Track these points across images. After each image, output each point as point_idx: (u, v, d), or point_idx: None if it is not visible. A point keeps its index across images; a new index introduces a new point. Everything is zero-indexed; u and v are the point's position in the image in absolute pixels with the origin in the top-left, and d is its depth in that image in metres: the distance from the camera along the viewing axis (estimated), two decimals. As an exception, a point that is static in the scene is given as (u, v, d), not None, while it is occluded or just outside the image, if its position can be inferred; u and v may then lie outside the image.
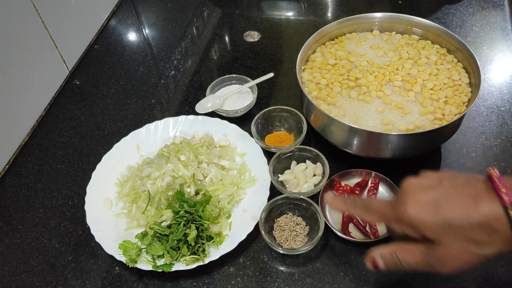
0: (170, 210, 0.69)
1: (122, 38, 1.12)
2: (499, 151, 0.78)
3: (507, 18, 1.05)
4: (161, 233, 0.68)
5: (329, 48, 0.85)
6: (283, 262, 0.68)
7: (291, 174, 0.76)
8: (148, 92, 0.97)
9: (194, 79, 0.99)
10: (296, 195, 0.71)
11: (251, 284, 0.66)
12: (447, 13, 1.07)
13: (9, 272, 0.70)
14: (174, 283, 0.67)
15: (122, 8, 1.20)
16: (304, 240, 0.68)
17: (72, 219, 0.76)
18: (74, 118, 0.93)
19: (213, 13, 1.16)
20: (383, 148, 0.70)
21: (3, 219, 0.77)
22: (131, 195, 0.74)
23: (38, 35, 0.92)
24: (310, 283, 0.65)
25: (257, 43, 1.06)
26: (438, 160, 0.78)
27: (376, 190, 0.72)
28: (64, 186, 0.81)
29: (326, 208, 0.72)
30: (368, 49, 0.83)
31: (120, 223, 0.72)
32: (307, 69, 0.82)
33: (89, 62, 1.06)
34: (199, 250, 0.67)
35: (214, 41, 1.08)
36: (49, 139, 0.90)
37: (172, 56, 1.05)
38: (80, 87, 1.00)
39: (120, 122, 0.91)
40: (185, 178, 0.73)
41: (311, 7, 1.14)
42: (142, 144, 0.83)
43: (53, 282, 0.68)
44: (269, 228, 0.70)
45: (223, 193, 0.73)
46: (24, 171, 0.84)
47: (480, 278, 0.63)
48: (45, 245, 0.73)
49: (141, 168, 0.76)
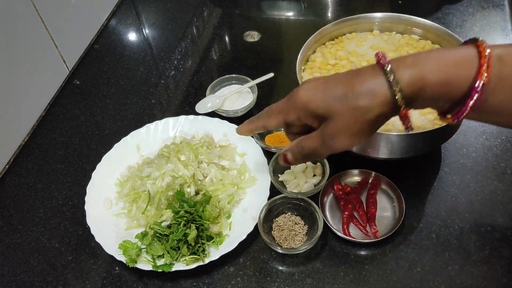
0: (170, 210, 0.69)
1: (122, 38, 1.12)
2: (499, 151, 0.78)
3: (507, 18, 1.04)
4: (161, 233, 0.68)
5: (329, 48, 0.84)
6: (283, 262, 0.68)
7: (291, 174, 0.76)
8: (148, 92, 0.97)
9: (194, 79, 0.99)
10: (294, 194, 0.71)
11: (251, 284, 0.66)
12: (447, 13, 1.07)
13: (9, 272, 0.70)
14: (174, 283, 0.67)
15: (122, 8, 1.20)
16: (303, 239, 0.68)
17: (72, 219, 0.76)
18: (74, 118, 0.93)
19: (213, 13, 1.16)
20: (383, 148, 0.70)
21: (3, 219, 0.77)
22: (131, 195, 0.74)
23: (38, 35, 0.92)
24: (310, 283, 0.65)
25: (257, 43, 1.06)
26: (438, 160, 0.78)
27: (376, 190, 0.72)
28: (64, 186, 0.81)
29: (326, 208, 0.72)
30: (368, 49, 0.83)
31: (120, 223, 0.72)
32: (307, 69, 0.82)
33: (89, 62, 1.06)
34: (199, 250, 0.67)
35: (214, 41, 1.08)
36: (49, 139, 0.90)
37: (172, 56, 1.05)
38: (80, 87, 1.00)
39: (120, 122, 0.91)
40: (185, 178, 0.73)
41: (311, 7, 1.14)
42: (142, 144, 0.83)
43: (53, 282, 0.68)
44: (268, 228, 0.70)
45: (223, 193, 0.73)
46: (24, 171, 0.84)
47: (480, 278, 0.63)
48: (45, 245, 0.73)
49: (141, 168, 0.76)
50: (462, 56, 0.44)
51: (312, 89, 0.49)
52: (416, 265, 0.66)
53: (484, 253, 0.66)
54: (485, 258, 0.65)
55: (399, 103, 0.45)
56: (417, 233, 0.69)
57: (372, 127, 0.48)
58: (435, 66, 0.44)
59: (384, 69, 0.45)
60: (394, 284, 0.64)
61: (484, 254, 0.66)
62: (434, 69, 0.44)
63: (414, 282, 0.64)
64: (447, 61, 0.44)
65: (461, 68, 0.43)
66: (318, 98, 0.49)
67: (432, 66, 0.44)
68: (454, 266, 0.65)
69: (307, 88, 0.50)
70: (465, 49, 0.44)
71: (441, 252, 0.67)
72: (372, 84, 0.45)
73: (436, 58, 0.44)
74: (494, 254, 0.66)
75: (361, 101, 0.46)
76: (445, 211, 0.71)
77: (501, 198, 0.72)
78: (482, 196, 0.72)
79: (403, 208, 0.69)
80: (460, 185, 0.74)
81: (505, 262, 0.65)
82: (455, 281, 0.63)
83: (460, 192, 0.73)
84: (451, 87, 0.44)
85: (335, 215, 0.71)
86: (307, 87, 0.50)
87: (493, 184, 0.74)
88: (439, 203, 0.72)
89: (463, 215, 0.70)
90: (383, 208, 0.71)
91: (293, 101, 0.51)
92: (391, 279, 0.64)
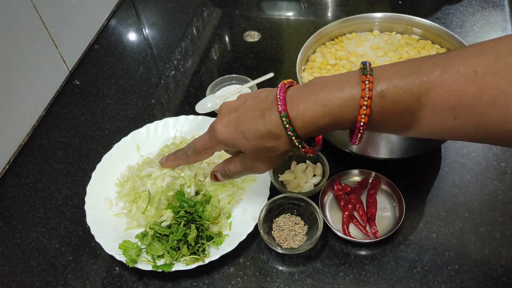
0: (170, 210, 0.69)
1: (122, 38, 1.12)
2: (499, 151, 0.78)
3: (507, 18, 1.05)
4: (161, 233, 0.68)
5: (329, 48, 0.85)
6: (283, 262, 0.68)
7: (291, 174, 0.76)
8: (148, 92, 0.97)
9: (194, 79, 0.99)
10: (294, 194, 0.71)
11: (251, 284, 0.66)
12: (447, 13, 1.07)
13: (9, 272, 0.70)
14: (174, 283, 0.67)
15: (122, 8, 1.20)
16: (303, 239, 0.68)
17: (72, 219, 0.76)
18: (74, 118, 0.93)
19: (213, 13, 1.16)
20: (383, 148, 0.70)
21: (3, 219, 0.77)
22: (131, 195, 0.74)
23: (38, 35, 0.92)
24: (310, 283, 0.65)
25: (257, 43, 1.06)
26: (438, 160, 0.78)
27: (376, 190, 0.72)
28: (64, 186, 0.81)
29: (326, 207, 0.72)
30: (368, 49, 0.83)
31: (120, 223, 0.72)
32: (307, 69, 0.82)
33: (89, 62, 1.06)
34: (199, 250, 0.67)
35: (214, 41, 1.08)
36: (49, 139, 0.90)
37: (172, 56, 1.05)
38: (80, 87, 1.00)
39: (120, 122, 0.91)
40: (186, 179, 0.73)
41: (311, 7, 1.14)
42: (142, 144, 0.83)
43: (53, 282, 0.68)
44: (268, 228, 0.70)
45: (223, 193, 0.73)
46: (24, 171, 0.84)
47: (480, 278, 0.63)
48: (45, 245, 0.73)
49: (141, 168, 0.76)
50: (345, 99, 0.47)
51: (226, 126, 0.55)
52: (416, 265, 0.66)
53: (484, 253, 0.66)
54: (485, 258, 0.65)
55: (297, 146, 0.52)
56: (417, 233, 0.69)
57: (283, 157, 0.56)
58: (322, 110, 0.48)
59: (280, 117, 0.50)
60: (394, 284, 0.64)
61: (484, 254, 0.66)
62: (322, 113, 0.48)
63: (414, 282, 0.64)
64: (332, 105, 0.48)
65: (344, 111, 0.48)
66: (231, 136, 0.55)
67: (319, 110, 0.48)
68: (454, 266, 0.65)
69: (222, 125, 0.55)
70: (349, 90, 0.47)
71: (441, 252, 0.67)
72: (274, 129, 0.51)
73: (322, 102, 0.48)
74: (494, 254, 0.66)
75: (267, 142, 0.52)
76: (445, 211, 0.71)
77: (501, 198, 0.72)
78: (482, 196, 0.72)
79: (403, 208, 0.69)
80: (460, 185, 0.74)
81: (505, 262, 0.65)
82: (455, 281, 0.63)
83: (460, 192, 0.73)
84: (340, 125, 0.49)
85: (335, 215, 0.71)
86: (221, 124, 0.55)
87: (493, 184, 0.74)
88: (439, 203, 0.72)
89: (463, 215, 0.70)
90: (383, 208, 0.71)
91: (213, 138, 0.57)
92: (391, 279, 0.65)
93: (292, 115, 0.50)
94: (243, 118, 0.53)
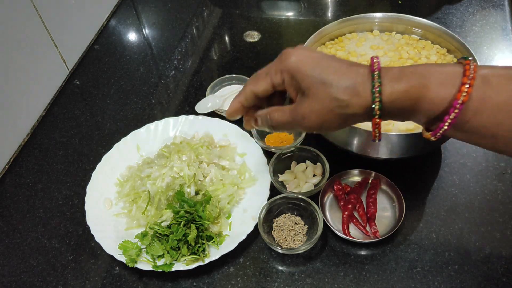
0: (170, 210, 0.69)
1: (122, 38, 1.12)
2: (499, 151, 0.78)
3: (507, 18, 1.04)
4: (161, 233, 0.68)
5: (329, 48, 0.85)
6: (283, 262, 0.68)
7: (291, 174, 0.76)
8: (148, 92, 0.97)
9: (194, 79, 0.99)
10: (294, 194, 0.71)
11: (251, 284, 0.66)
12: (447, 13, 1.07)
13: (9, 272, 0.70)
14: (174, 283, 0.67)
15: (122, 8, 1.20)
16: (303, 239, 0.68)
17: (72, 219, 0.76)
18: (74, 118, 0.93)
19: (213, 13, 1.16)
20: (383, 148, 0.70)
21: (3, 219, 0.77)
22: (131, 195, 0.74)
23: (38, 35, 0.92)
24: (310, 283, 0.65)
25: (257, 43, 1.06)
26: (438, 160, 0.78)
27: (376, 190, 0.72)
28: (64, 186, 0.81)
29: (326, 207, 0.72)
30: (368, 49, 0.83)
31: (120, 223, 0.72)
32: (307, 69, 0.82)
33: (89, 62, 1.06)
34: (199, 250, 0.67)
35: (214, 41, 1.08)
36: (49, 139, 0.90)
37: (172, 56, 1.05)
38: (80, 87, 1.00)
39: (120, 122, 0.91)
40: (186, 179, 0.73)
41: (311, 7, 1.14)
42: (142, 144, 0.83)
43: (53, 282, 0.68)
44: (268, 228, 0.70)
45: (223, 193, 0.73)
46: (24, 171, 0.84)
47: (480, 278, 0.63)
48: (45, 245, 0.73)
49: (141, 168, 0.76)
50: (447, 73, 0.44)
51: (305, 59, 0.48)
52: (416, 265, 0.66)
53: (484, 253, 0.66)
54: (485, 258, 0.65)
55: (375, 111, 0.46)
56: (417, 233, 0.69)
57: (343, 123, 0.49)
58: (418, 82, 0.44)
59: (372, 75, 0.45)
60: (394, 284, 0.64)
61: (484, 254, 0.66)
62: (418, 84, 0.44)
63: (414, 282, 0.64)
64: (431, 78, 0.44)
65: (443, 86, 0.43)
66: (306, 71, 0.48)
67: (415, 82, 0.44)
68: (454, 266, 0.65)
69: (300, 55, 0.49)
70: (452, 67, 0.44)
71: (441, 252, 0.67)
72: (358, 84, 0.46)
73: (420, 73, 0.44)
74: (494, 254, 0.66)
75: (343, 94, 0.46)
76: (445, 211, 0.71)
77: (501, 198, 0.72)
78: (482, 196, 0.72)
79: (403, 208, 0.69)
80: (460, 185, 0.74)
81: (505, 262, 0.65)
82: (455, 281, 0.63)
83: (460, 192, 0.73)
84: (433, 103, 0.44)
85: (335, 215, 0.71)
86: (301, 54, 0.49)
87: (493, 184, 0.74)
88: (439, 203, 0.72)
89: (463, 215, 0.70)
90: (383, 208, 0.71)
91: (283, 62, 0.49)
92: (391, 279, 0.64)
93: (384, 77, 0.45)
94: (327, 61, 0.48)
